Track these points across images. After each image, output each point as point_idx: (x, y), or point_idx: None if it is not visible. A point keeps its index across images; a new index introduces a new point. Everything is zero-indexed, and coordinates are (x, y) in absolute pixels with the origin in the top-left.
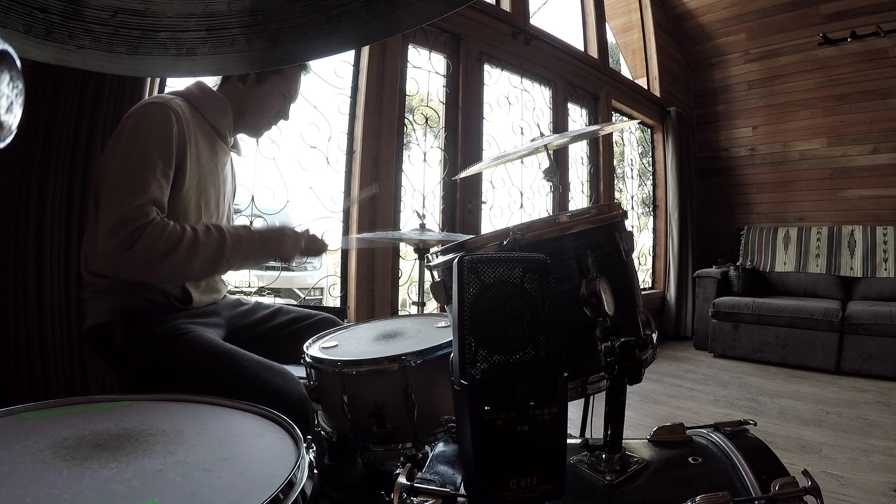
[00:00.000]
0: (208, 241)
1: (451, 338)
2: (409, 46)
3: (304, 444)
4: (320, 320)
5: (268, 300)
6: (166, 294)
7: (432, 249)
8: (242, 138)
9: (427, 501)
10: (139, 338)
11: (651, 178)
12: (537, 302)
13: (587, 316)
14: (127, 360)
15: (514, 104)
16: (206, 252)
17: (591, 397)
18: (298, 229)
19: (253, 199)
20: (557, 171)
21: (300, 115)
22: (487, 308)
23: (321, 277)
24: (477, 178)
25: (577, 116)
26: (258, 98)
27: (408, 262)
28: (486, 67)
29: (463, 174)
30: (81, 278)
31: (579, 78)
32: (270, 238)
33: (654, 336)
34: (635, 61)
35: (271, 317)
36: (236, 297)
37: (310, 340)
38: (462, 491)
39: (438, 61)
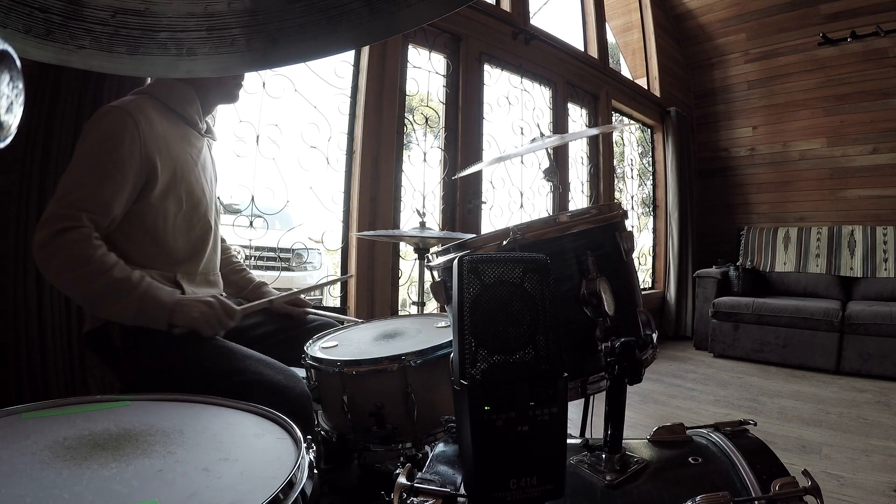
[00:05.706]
0: (121, 278)
1: (451, 338)
2: (409, 46)
3: (305, 444)
4: (321, 324)
5: None
6: None
7: (432, 249)
8: (226, 128)
9: (427, 501)
10: (138, 339)
11: (651, 178)
12: (537, 302)
13: (587, 316)
14: (127, 362)
15: (514, 104)
16: (105, 282)
17: (591, 397)
18: (230, 312)
19: (253, 199)
20: (557, 171)
21: (300, 115)
22: (487, 308)
23: (321, 278)
24: (477, 177)
25: (577, 116)
26: None
27: (408, 262)
28: (486, 67)
29: (463, 174)
30: None
31: (579, 78)
32: (185, 302)
33: (654, 336)
34: (635, 61)
35: (272, 319)
36: (237, 298)
37: (310, 340)
38: (462, 491)
39: (438, 61)
